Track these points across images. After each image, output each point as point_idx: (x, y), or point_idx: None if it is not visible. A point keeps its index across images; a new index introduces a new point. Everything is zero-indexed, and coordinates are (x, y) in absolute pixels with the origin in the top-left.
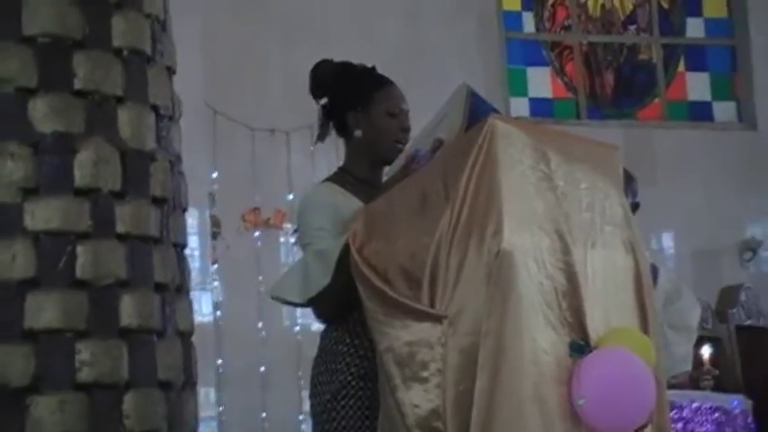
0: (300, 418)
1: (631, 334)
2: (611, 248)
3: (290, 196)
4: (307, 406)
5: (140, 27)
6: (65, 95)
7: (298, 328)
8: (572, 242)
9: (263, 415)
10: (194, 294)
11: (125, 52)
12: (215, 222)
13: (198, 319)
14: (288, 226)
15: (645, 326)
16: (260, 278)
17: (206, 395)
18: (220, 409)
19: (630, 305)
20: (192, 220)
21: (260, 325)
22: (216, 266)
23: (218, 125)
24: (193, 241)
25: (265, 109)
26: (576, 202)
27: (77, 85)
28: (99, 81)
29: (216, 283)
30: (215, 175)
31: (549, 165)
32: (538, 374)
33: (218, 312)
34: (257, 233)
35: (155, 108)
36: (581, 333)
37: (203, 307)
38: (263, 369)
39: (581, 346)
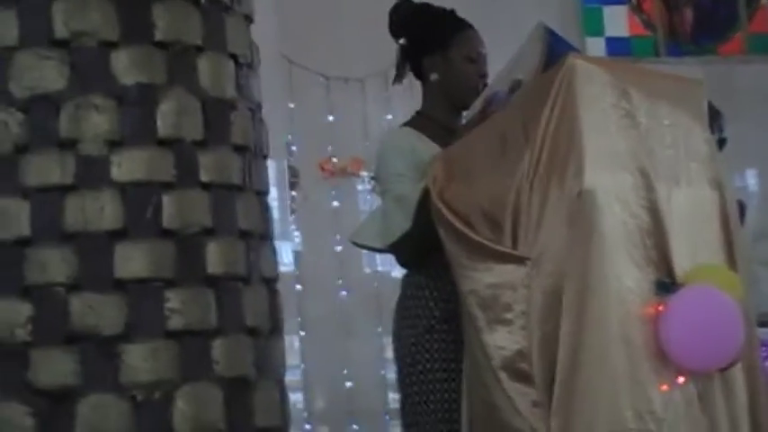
0: (382, 365)
1: (719, 271)
2: (695, 185)
3: (367, 144)
4: (388, 353)
5: None
6: (146, 47)
7: (377, 275)
8: (656, 179)
9: (346, 361)
10: (275, 244)
11: (203, 1)
12: (293, 172)
13: (278, 269)
14: (365, 174)
15: (732, 262)
16: (338, 227)
17: (289, 344)
18: (303, 357)
19: (717, 242)
20: (269, 170)
21: (340, 273)
22: (294, 216)
23: (293, 75)
24: (272, 192)
25: (339, 57)
26: (659, 138)
27: (158, 36)
28: (179, 31)
29: (295, 233)
30: (291, 125)
31: (630, 102)
32: (624, 313)
33: (298, 261)
34: (335, 182)
35: (233, 57)
36: (667, 271)
37: (283, 257)
38: (344, 316)
39: (667, 285)
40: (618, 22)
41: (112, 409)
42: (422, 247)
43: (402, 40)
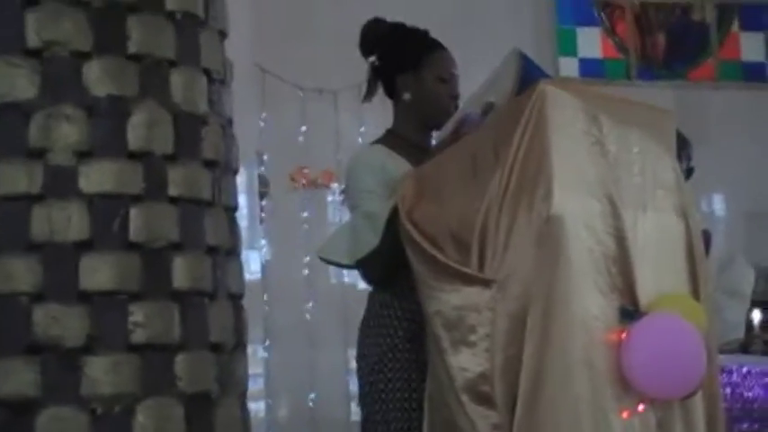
0: (347, 377)
1: (682, 299)
2: (662, 213)
3: (338, 156)
4: (353, 364)
5: None
6: (119, 59)
7: (344, 287)
8: (623, 207)
9: (310, 372)
10: (242, 253)
11: (178, 15)
12: (263, 182)
13: (245, 277)
14: (335, 185)
15: (696, 291)
16: (307, 238)
17: (253, 352)
18: (267, 367)
19: (682, 270)
20: (240, 179)
21: (307, 283)
22: (263, 225)
23: (266, 84)
24: (241, 200)
25: (314, 69)
26: (628, 166)
27: (131, 48)
28: (152, 44)
29: (263, 242)
30: (263, 134)
31: (600, 129)
32: (587, 339)
33: (266, 271)
34: (305, 193)
35: (207, 72)
36: (631, 298)
37: (251, 265)
38: (309, 327)
39: (631, 312)
40: (591, 43)
41: (72, 422)
42: (389, 266)
43: (372, 58)
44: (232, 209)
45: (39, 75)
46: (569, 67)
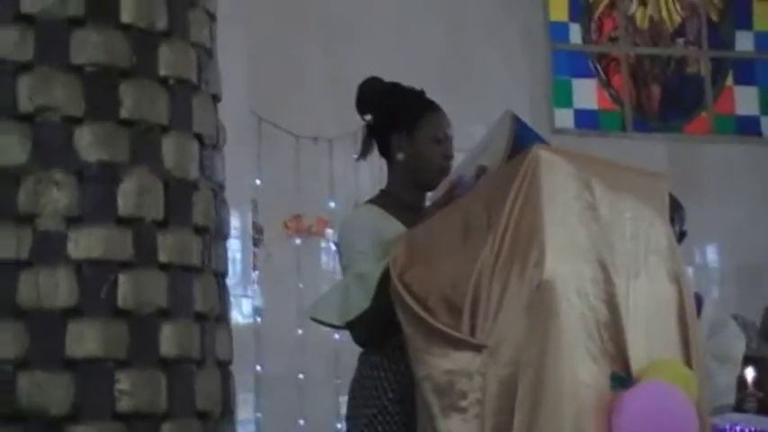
0: (338, 425)
1: (674, 366)
2: (654, 279)
3: (333, 204)
4: (344, 410)
5: (187, 56)
6: (110, 124)
7: (337, 335)
8: (615, 273)
9: (301, 421)
10: (234, 300)
11: (171, 81)
12: (257, 229)
13: (237, 323)
14: (329, 232)
15: (688, 358)
16: (300, 285)
17: (244, 400)
18: (258, 414)
19: (674, 337)
20: (233, 224)
21: (299, 332)
22: (257, 273)
23: (262, 132)
24: (235, 246)
25: (309, 117)
26: (620, 231)
27: (123, 114)
28: (144, 110)
29: (256, 288)
30: (258, 181)
31: (593, 194)
32: (578, 407)
33: (258, 318)
34: (299, 240)
35: (198, 137)
36: (622, 365)
37: (243, 311)
38: (301, 375)
39: (622, 379)
40: (587, 95)
41: None
42: (380, 328)
43: (368, 117)
44: (222, 274)
45: (29, 140)
46: (565, 118)
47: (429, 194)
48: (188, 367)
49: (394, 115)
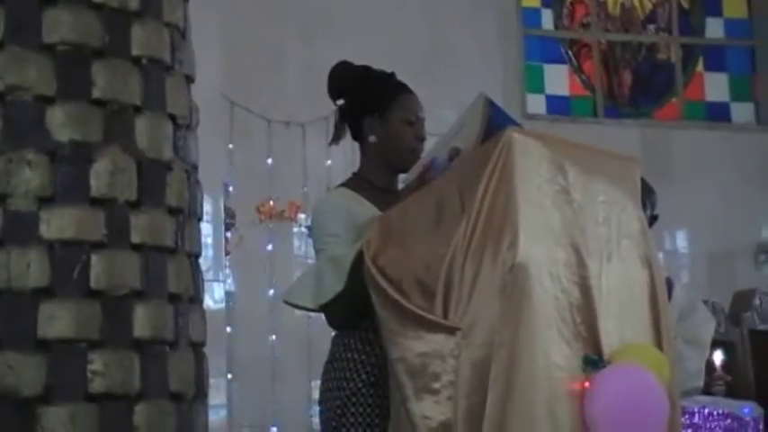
0: (310, 408)
1: (645, 350)
2: (627, 262)
3: (305, 188)
4: (316, 395)
5: (160, 36)
6: (83, 104)
7: (309, 320)
8: (587, 256)
9: (273, 405)
10: (206, 284)
11: (144, 61)
12: (229, 213)
13: (209, 308)
14: (302, 217)
15: (659, 341)
16: (272, 270)
17: (216, 385)
18: (230, 398)
19: (645, 320)
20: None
21: (271, 316)
22: (228, 257)
23: (234, 116)
24: (207, 230)
25: (282, 101)
26: (593, 215)
27: (95, 93)
28: (117, 90)
29: (228, 272)
30: (230, 165)
31: (566, 177)
32: (551, 389)
33: (230, 303)
34: (271, 225)
35: (172, 117)
36: (595, 348)
37: (215, 296)
38: (273, 360)
39: (594, 361)
40: (559, 80)
41: None
42: (353, 310)
43: (340, 101)
44: (196, 256)
45: (1, 119)
46: (537, 103)
47: (402, 177)
48: (161, 348)
49: (366, 98)
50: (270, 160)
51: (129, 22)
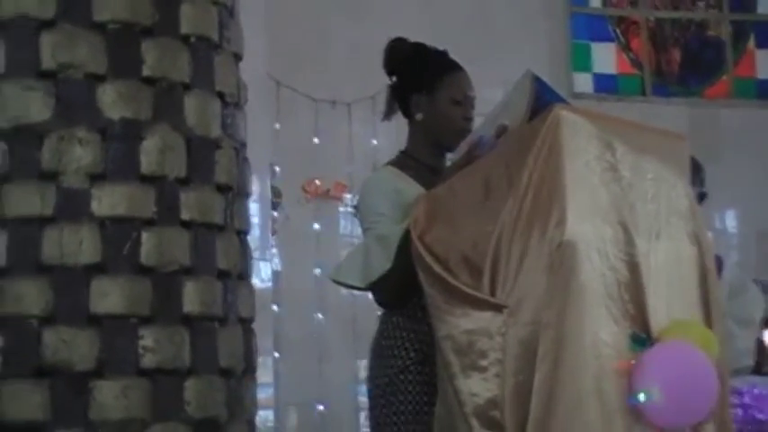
0: (355, 389)
1: (694, 327)
2: (675, 240)
3: (350, 168)
4: (362, 376)
5: (208, 14)
6: (133, 82)
7: (355, 299)
8: (636, 233)
9: (319, 383)
10: (253, 263)
11: (192, 39)
12: (275, 193)
13: (256, 286)
14: (348, 197)
15: (708, 319)
16: (318, 249)
17: (263, 362)
18: (277, 377)
19: (694, 297)
20: (252, 188)
21: (317, 295)
22: (275, 236)
23: (280, 96)
24: (253, 210)
25: (327, 80)
26: (642, 192)
27: (145, 71)
28: (166, 68)
29: (275, 251)
30: (276, 145)
31: (614, 155)
32: (598, 367)
33: (277, 281)
34: (317, 204)
35: (220, 95)
36: (643, 326)
37: (262, 275)
38: (319, 338)
39: (643, 339)
40: (606, 59)
41: None
42: (401, 289)
43: (393, 78)
44: (244, 232)
45: (53, 97)
46: (584, 82)
47: (449, 155)
48: (211, 324)
49: (415, 75)
50: (316, 140)
51: (178, 1)
